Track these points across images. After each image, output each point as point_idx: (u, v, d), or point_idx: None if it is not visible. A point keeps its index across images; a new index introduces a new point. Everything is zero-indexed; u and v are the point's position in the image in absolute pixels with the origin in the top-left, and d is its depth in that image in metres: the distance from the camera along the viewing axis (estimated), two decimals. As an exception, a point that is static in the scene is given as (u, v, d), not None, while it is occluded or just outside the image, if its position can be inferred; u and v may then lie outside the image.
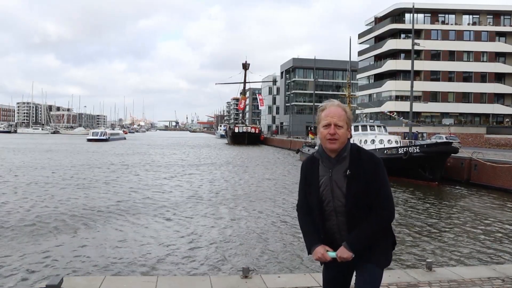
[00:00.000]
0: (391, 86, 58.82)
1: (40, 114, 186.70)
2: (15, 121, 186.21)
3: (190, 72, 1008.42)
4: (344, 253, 2.52)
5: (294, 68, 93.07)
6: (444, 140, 33.12)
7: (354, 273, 2.71)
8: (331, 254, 2.58)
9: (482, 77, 58.73)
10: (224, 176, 23.94)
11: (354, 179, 2.50)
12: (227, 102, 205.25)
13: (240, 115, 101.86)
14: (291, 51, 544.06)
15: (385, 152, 23.49)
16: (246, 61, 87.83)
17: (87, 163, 29.76)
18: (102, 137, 70.69)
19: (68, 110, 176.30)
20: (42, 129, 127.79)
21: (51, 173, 23.22)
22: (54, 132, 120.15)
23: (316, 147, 2.90)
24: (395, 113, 40.72)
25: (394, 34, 59.61)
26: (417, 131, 39.33)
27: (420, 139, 41.56)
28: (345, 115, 2.55)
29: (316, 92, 73.49)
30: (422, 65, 55.96)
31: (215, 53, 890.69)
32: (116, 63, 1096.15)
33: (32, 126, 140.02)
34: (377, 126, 29.40)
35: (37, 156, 35.80)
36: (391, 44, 58.76)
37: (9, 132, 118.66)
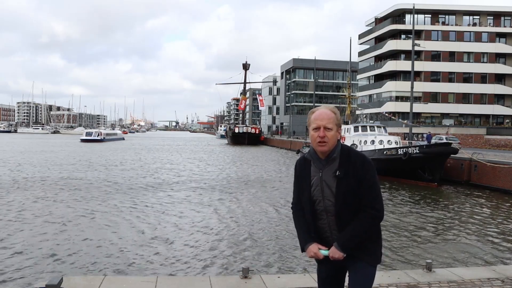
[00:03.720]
0: (391, 86, 58.83)
1: (40, 114, 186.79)
2: (15, 121, 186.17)
3: (195, 72, 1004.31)
4: (335, 253, 2.58)
5: (294, 68, 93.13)
6: (444, 141, 33.12)
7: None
8: (324, 252, 2.63)
9: (482, 78, 58.73)
10: (224, 176, 23.94)
11: (344, 180, 2.55)
12: (227, 103, 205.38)
13: (240, 115, 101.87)
14: (298, 52, 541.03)
15: (385, 153, 23.49)
16: (246, 62, 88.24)
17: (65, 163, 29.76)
18: (96, 138, 67.24)
19: (68, 110, 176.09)
20: (42, 129, 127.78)
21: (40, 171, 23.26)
22: (54, 132, 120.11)
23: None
24: (392, 115, 40.71)
25: (395, 34, 59.61)
26: (429, 132, 39.27)
27: (421, 139, 41.55)
28: (334, 117, 2.60)
29: (316, 92, 73.48)
30: (422, 66, 55.97)
31: (221, 54, 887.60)
32: (122, 63, 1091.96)
33: (32, 126, 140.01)
34: (377, 126, 29.42)
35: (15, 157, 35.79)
36: (391, 45, 58.76)
37: (9, 132, 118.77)
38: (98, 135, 69.22)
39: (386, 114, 44.93)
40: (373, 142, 26.46)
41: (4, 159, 31.21)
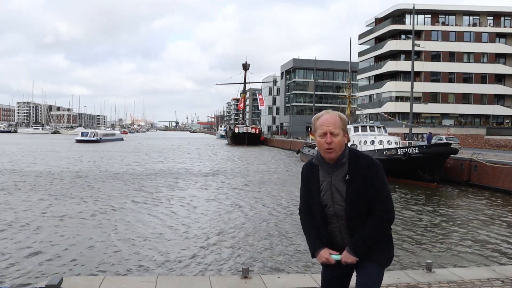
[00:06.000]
0: (391, 87, 58.85)
1: (40, 114, 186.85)
2: (15, 121, 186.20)
3: (198, 72, 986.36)
4: (348, 257, 2.56)
5: (294, 68, 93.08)
6: (444, 141, 33.11)
7: (355, 273, 2.72)
8: (336, 257, 2.61)
9: (482, 78, 58.75)
10: (224, 175, 23.94)
11: (353, 184, 2.53)
12: (227, 103, 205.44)
13: (240, 115, 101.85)
14: (302, 52, 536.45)
15: (385, 153, 23.49)
16: (246, 62, 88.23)
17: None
18: (92, 138, 65.02)
19: (69, 110, 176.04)
20: (42, 129, 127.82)
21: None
22: (54, 132, 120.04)
23: (317, 148, 3.00)
24: (392, 115, 40.74)
25: (395, 35, 59.63)
26: (430, 132, 39.28)
27: (421, 140, 41.53)
28: (340, 121, 2.58)
29: (316, 92, 73.49)
30: (422, 66, 55.99)
31: (225, 54, 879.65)
32: (125, 64, 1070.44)
33: (32, 126, 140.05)
34: (377, 127, 29.43)
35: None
36: (391, 45, 58.79)
37: (9, 132, 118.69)
38: (94, 135, 66.97)
39: (384, 115, 44.90)
40: (373, 142, 26.46)
41: None
